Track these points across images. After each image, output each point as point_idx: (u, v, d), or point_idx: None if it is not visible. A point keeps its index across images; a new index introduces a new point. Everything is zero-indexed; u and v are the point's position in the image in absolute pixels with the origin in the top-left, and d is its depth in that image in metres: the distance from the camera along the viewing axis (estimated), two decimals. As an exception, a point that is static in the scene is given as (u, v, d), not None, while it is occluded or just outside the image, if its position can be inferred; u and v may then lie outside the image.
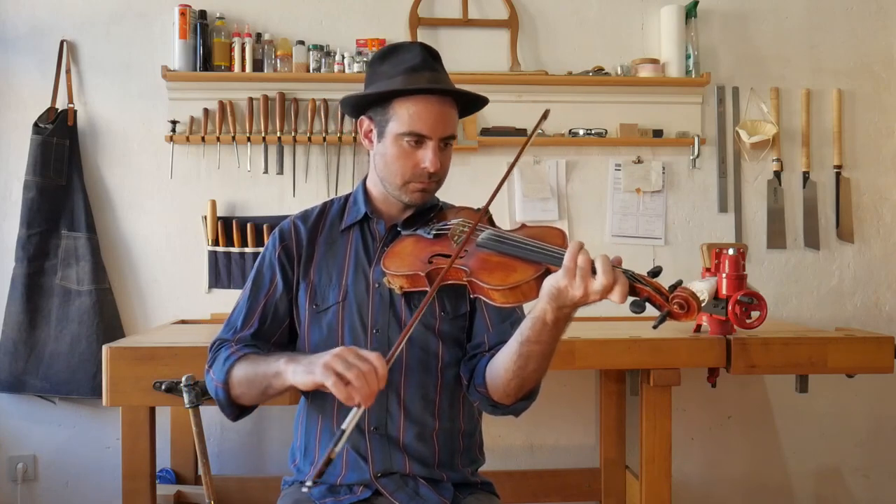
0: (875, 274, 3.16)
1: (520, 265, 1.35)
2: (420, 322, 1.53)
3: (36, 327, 2.83)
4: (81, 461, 2.94)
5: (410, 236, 1.54)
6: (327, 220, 1.63)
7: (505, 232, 1.44)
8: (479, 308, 1.56)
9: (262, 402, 1.51)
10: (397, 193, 1.55)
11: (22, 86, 2.92)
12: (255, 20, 2.99)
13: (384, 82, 1.51)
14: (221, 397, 1.51)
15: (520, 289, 1.32)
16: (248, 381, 1.46)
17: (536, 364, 1.39)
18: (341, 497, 1.53)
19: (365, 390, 1.24)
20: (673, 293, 1.25)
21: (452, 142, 1.55)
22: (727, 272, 2.30)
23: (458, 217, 1.55)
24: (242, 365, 1.47)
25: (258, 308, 1.57)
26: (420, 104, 1.48)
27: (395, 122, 1.50)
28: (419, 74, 1.50)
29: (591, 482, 2.96)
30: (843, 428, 3.16)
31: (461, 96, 1.54)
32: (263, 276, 1.60)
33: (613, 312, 2.83)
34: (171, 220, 2.96)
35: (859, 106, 3.17)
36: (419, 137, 1.49)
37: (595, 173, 3.08)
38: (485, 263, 1.38)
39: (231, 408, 1.52)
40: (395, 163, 1.52)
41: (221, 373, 1.49)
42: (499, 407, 1.50)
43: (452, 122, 1.53)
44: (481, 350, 1.53)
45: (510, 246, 1.38)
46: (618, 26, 3.11)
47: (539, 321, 1.32)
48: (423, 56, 1.52)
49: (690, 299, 1.24)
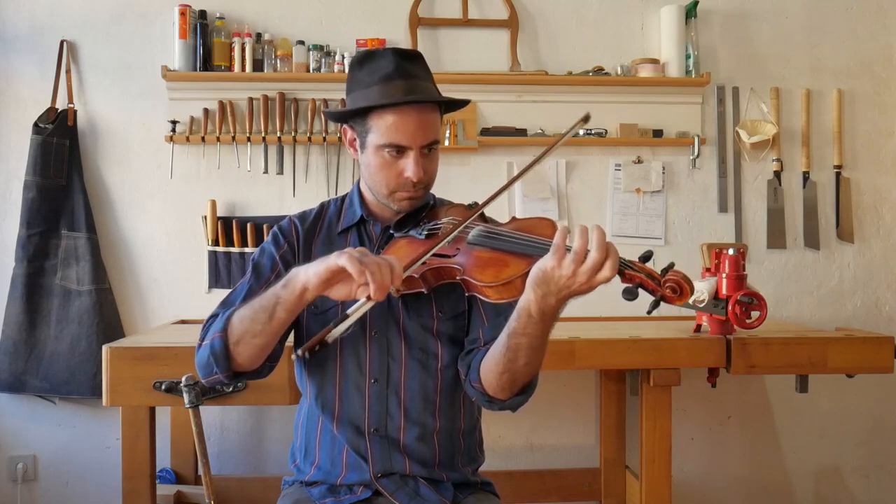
0: (875, 274, 3.16)
1: (511, 260, 1.33)
2: (418, 323, 1.53)
3: (36, 327, 2.83)
4: (81, 461, 2.94)
5: (404, 238, 1.53)
6: (325, 222, 1.63)
7: (495, 227, 1.43)
8: (474, 304, 1.55)
9: (265, 345, 1.39)
10: (385, 202, 1.54)
11: (22, 86, 2.93)
12: (255, 20, 2.99)
13: (361, 92, 1.49)
14: (218, 348, 1.40)
15: (513, 284, 1.31)
16: (252, 312, 1.37)
17: (527, 357, 1.37)
18: (341, 497, 1.53)
19: (378, 278, 1.24)
20: (665, 277, 1.25)
21: (437, 146, 1.53)
22: (727, 272, 2.30)
23: (448, 215, 1.54)
24: (242, 307, 1.42)
25: (259, 292, 1.53)
26: (397, 115, 1.46)
27: (375, 133, 1.48)
28: (393, 84, 1.46)
29: (591, 482, 2.96)
30: (843, 428, 3.16)
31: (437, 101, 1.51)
32: (264, 266, 1.57)
33: (614, 312, 2.87)
34: (171, 220, 2.96)
35: (859, 106, 3.17)
36: (399, 148, 1.48)
37: (595, 173, 3.08)
38: (477, 260, 1.37)
39: (226, 362, 1.40)
40: (379, 173, 1.51)
41: (220, 324, 1.42)
42: (495, 402, 1.49)
43: (433, 128, 1.50)
44: (477, 345, 1.52)
45: (501, 241, 1.37)
46: (618, 26, 3.11)
47: (524, 311, 1.30)
48: (396, 63, 1.48)
49: (682, 282, 1.24)
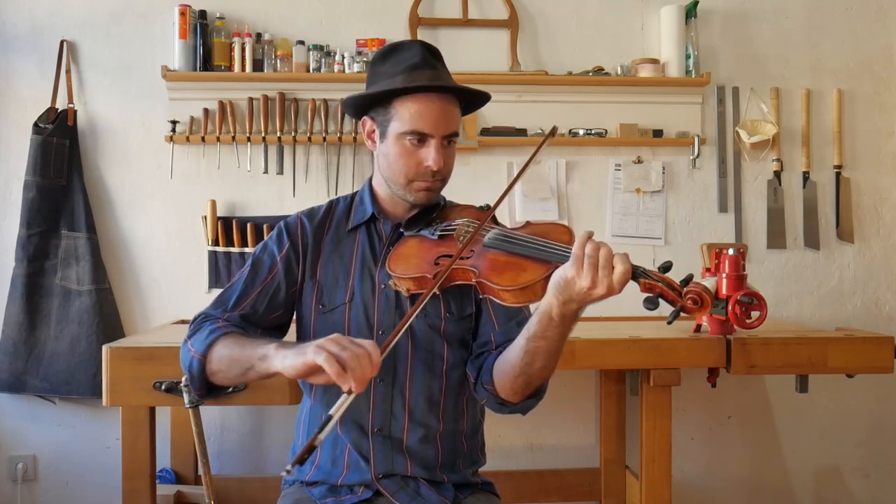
0: (875, 274, 3.16)
1: (529, 264, 1.34)
2: (425, 323, 1.52)
3: (36, 327, 2.83)
4: (81, 461, 2.94)
5: (414, 237, 1.53)
6: (333, 220, 1.62)
7: (511, 231, 1.43)
8: (484, 307, 1.55)
9: (237, 384, 1.44)
10: (402, 193, 1.54)
11: (22, 86, 2.92)
12: (255, 20, 2.98)
13: (385, 82, 1.50)
14: (195, 370, 1.43)
15: (531, 288, 1.32)
16: (231, 360, 1.39)
17: (543, 361, 1.38)
18: (342, 497, 1.53)
19: (358, 373, 1.19)
20: (686, 288, 1.26)
21: (456, 140, 1.53)
22: (727, 272, 2.30)
23: (461, 217, 1.53)
24: (227, 341, 1.41)
25: (254, 292, 1.56)
26: (421, 102, 1.47)
27: (397, 121, 1.49)
28: (420, 72, 1.49)
29: (591, 482, 2.96)
30: (843, 428, 3.16)
31: (462, 93, 1.53)
32: (263, 264, 1.58)
33: (614, 312, 2.87)
34: (171, 220, 2.96)
35: (859, 106, 3.17)
36: (421, 136, 1.48)
37: (595, 173, 3.08)
38: (493, 264, 1.38)
39: (202, 383, 1.44)
40: (399, 162, 1.51)
41: (202, 344, 1.43)
42: (506, 405, 1.49)
43: (455, 120, 1.51)
44: (488, 348, 1.53)
45: (518, 245, 1.37)
46: (618, 26, 3.11)
47: (545, 315, 1.31)
48: (424, 54, 1.51)
49: (704, 294, 1.25)
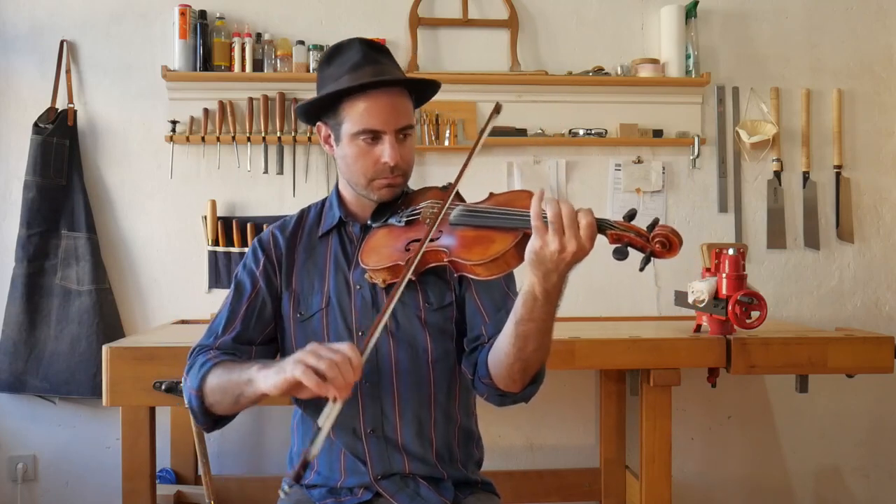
0: (875, 274, 3.16)
1: (497, 235, 1.33)
2: (405, 316, 1.52)
3: (36, 327, 2.83)
4: (81, 461, 2.94)
5: (382, 227, 1.52)
6: (305, 228, 1.62)
7: (475, 205, 1.43)
8: (471, 299, 1.54)
9: (237, 411, 1.45)
10: (366, 193, 1.53)
11: (22, 86, 2.92)
12: (255, 20, 2.98)
13: (331, 85, 1.49)
14: (195, 405, 1.44)
15: (502, 258, 1.31)
16: (222, 389, 1.40)
17: (536, 343, 1.36)
18: (342, 499, 1.53)
19: (339, 381, 1.19)
20: (652, 232, 1.25)
21: (411, 132, 1.52)
22: (727, 272, 2.30)
23: (425, 199, 1.53)
24: (217, 372, 1.42)
25: (240, 311, 1.55)
26: (368, 100, 1.46)
27: (348, 122, 1.48)
28: (362, 70, 1.47)
29: (591, 482, 2.96)
30: (843, 428, 3.16)
31: (408, 84, 1.52)
32: (244, 283, 1.57)
33: (614, 312, 2.87)
34: (171, 220, 2.96)
35: (859, 106, 3.17)
36: (374, 133, 1.47)
37: (595, 173, 3.08)
38: (463, 240, 1.37)
39: (205, 417, 1.45)
40: (356, 163, 1.50)
41: (196, 379, 1.43)
42: (508, 396, 1.47)
43: (406, 113, 1.50)
44: (480, 342, 1.51)
45: (483, 217, 1.37)
46: (618, 26, 3.11)
47: (530, 296, 1.30)
48: (365, 51, 1.50)
49: (671, 235, 1.25)
